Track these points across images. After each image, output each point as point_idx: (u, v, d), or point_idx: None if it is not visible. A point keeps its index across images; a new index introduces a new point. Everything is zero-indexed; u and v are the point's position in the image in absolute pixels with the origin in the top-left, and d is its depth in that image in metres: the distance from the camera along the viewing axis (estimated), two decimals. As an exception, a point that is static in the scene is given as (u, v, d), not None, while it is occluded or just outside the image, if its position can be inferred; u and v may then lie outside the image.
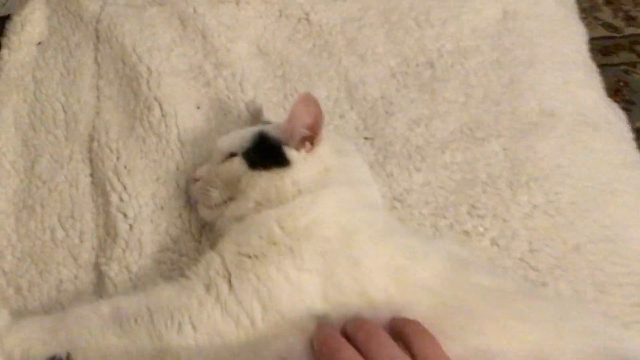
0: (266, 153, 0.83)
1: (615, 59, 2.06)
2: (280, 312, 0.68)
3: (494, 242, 0.90)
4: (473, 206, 0.93)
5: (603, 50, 1.15)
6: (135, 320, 0.70)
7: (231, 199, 0.83)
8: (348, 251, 0.72)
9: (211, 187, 0.84)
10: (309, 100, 0.82)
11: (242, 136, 0.86)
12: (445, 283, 0.70)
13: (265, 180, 0.80)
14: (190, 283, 0.73)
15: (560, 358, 0.64)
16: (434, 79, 1.08)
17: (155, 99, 0.98)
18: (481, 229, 0.91)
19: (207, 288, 0.71)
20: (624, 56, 2.07)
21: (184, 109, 0.99)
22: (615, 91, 1.06)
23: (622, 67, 2.06)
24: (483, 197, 0.94)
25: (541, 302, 0.75)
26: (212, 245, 0.88)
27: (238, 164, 0.83)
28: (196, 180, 0.88)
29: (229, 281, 0.70)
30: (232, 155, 0.85)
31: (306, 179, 0.81)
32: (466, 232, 0.91)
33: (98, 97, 1.01)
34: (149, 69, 1.01)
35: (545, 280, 0.87)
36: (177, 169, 0.94)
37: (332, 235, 0.73)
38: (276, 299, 0.68)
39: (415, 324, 0.64)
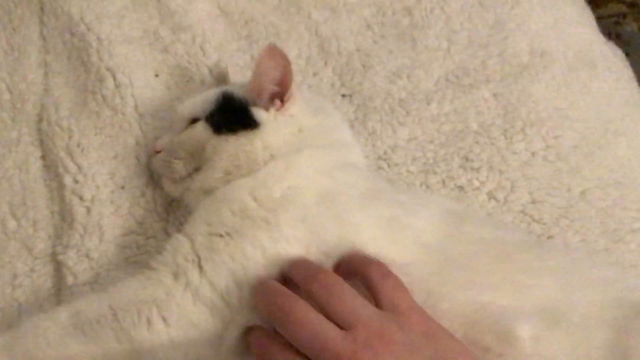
0: (232, 115, 0.74)
1: (604, 11, 1.98)
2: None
3: (491, 196, 0.84)
4: (466, 159, 0.87)
5: (592, 3, 1.09)
6: (98, 323, 0.61)
7: (197, 169, 0.75)
8: (331, 212, 0.64)
9: (174, 158, 0.76)
10: (274, 52, 0.74)
11: (204, 99, 0.78)
12: (443, 237, 0.64)
13: (233, 146, 0.72)
14: (155, 274, 0.64)
15: (572, 312, 0.58)
16: (413, 27, 1.00)
17: (108, 69, 0.89)
18: (477, 183, 0.85)
19: (175, 276, 0.63)
20: (614, 7, 2.00)
21: (140, 78, 0.90)
22: (607, 44, 1.02)
23: (612, 19, 1.98)
24: (476, 148, 0.88)
25: (549, 253, 0.68)
26: (181, 224, 0.80)
27: (201, 129, 0.74)
28: (157, 152, 0.79)
29: (199, 265, 0.62)
30: (195, 120, 0.76)
31: (278, 141, 0.73)
32: (460, 188, 0.85)
33: (46, 74, 0.92)
34: (98, 38, 0.92)
35: (551, 232, 0.81)
36: (137, 143, 0.85)
37: (311, 201, 0.65)
38: (253, 276, 0.61)
39: (379, 265, 0.58)
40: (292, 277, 0.59)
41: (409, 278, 0.58)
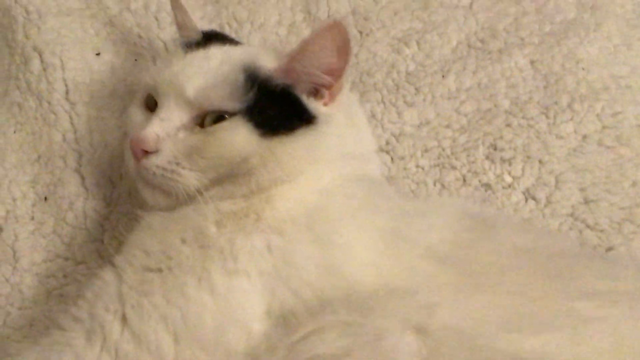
0: (280, 108, 0.54)
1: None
2: (202, 342, 0.47)
3: (529, 195, 0.67)
4: (494, 147, 0.70)
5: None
6: None
7: (214, 183, 0.54)
8: (312, 233, 0.50)
9: (185, 168, 0.53)
10: (338, 33, 0.53)
11: (224, 78, 0.54)
12: (464, 248, 0.51)
13: (285, 151, 0.53)
14: (63, 336, 0.48)
15: None
16: (425, -20, 0.81)
17: (35, 48, 0.72)
18: (509, 179, 0.68)
19: (89, 335, 0.47)
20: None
21: (75, 57, 0.73)
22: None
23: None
24: (508, 132, 0.70)
25: (615, 269, 0.52)
26: (120, 245, 0.62)
27: (245, 133, 0.52)
28: (147, 152, 0.53)
29: (122, 315, 0.47)
30: (221, 114, 0.53)
31: (331, 144, 0.56)
32: (487, 186, 0.68)
33: (-36, 57, 0.75)
34: (27, 10, 0.75)
35: (611, 242, 0.65)
36: (64, 140, 0.68)
37: (288, 222, 0.51)
38: (194, 323, 0.47)
39: None
40: None
41: (420, 314, 0.44)
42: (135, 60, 0.74)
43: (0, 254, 0.62)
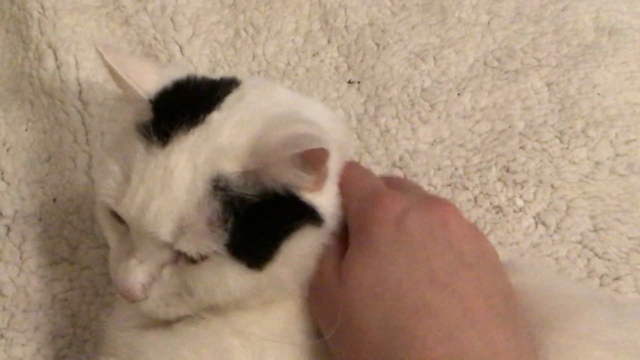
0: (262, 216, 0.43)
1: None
2: None
3: (539, 221, 0.65)
4: (507, 169, 0.68)
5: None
6: None
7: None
8: None
9: (176, 304, 0.46)
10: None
11: (200, 210, 0.41)
12: None
13: (281, 272, 0.45)
14: None
15: None
16: (444, -5, 0.80)
17: (49, 45, 0.71)
18: (520, 202, 0.66)
19: None
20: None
21: (90, 56, 0.72)
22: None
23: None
24: (521, 155, 0.69)
25: (621, 317, 0.47)
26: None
27: (236, 274, 0.43)
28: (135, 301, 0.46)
29: None
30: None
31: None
32: (498, 208, 0.66)
33: (-23, 51, 0.75)
34: (42, 6, 0.74)
35: (618, 272, 0.62)
36: (75, 140, 0.67)
37: None
38: None
39: None
40: None
41: None
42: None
43: (7, 254, 0.60)
